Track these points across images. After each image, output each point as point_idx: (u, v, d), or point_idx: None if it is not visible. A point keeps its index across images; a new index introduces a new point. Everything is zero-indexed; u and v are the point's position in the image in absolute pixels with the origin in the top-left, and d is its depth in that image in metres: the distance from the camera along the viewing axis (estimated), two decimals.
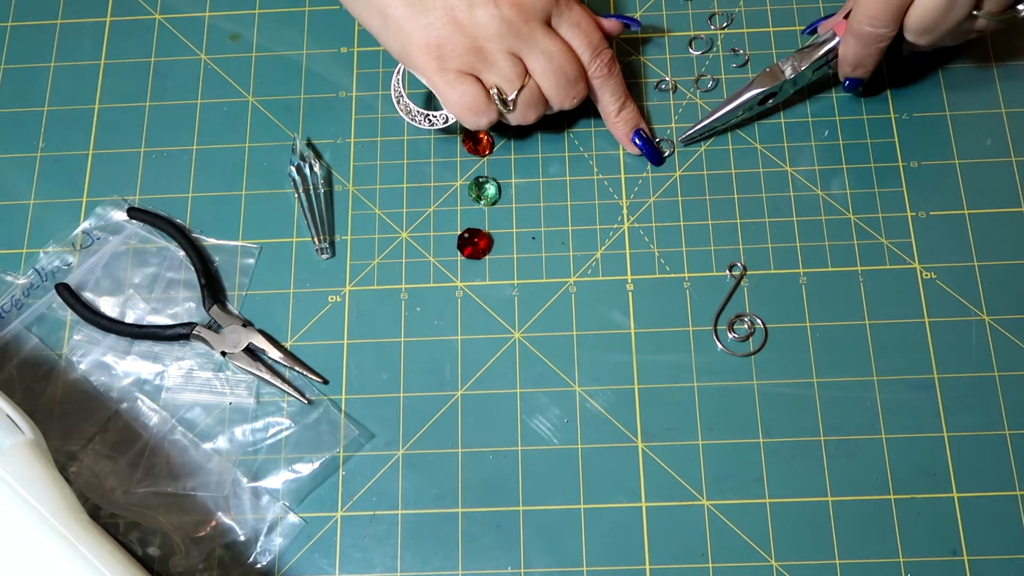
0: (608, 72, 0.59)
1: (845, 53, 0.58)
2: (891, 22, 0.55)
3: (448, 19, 0.55)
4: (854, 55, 0.57)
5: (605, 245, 0.59)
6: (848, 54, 0.57)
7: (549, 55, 0.56)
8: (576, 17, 0.57)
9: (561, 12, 0.57)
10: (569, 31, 0.57)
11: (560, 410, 0.56)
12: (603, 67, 0.58)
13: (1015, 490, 0.53)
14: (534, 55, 0.56)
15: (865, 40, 0.56)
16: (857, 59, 0.57)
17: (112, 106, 0.64)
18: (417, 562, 0.53)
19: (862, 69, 0.58)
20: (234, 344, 0.57)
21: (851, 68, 0.58)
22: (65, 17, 0.67)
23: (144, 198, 0.62)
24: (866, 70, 0.58)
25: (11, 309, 0.59)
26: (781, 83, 0.59)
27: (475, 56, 0.56)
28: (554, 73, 0.57)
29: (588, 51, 0.58)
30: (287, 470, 0.55)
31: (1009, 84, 0.62)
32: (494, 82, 0.56)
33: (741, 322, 0.57)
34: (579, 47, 0.58)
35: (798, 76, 0.59)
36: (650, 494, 0.54)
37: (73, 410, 0.56)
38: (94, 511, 0.55)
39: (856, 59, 0.57)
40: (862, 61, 0.57)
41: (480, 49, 0.55)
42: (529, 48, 0.56)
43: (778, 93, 0.60)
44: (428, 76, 0.56)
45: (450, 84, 0.56)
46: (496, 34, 0.55)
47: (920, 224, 0.59)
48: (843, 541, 0.53)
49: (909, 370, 0.56)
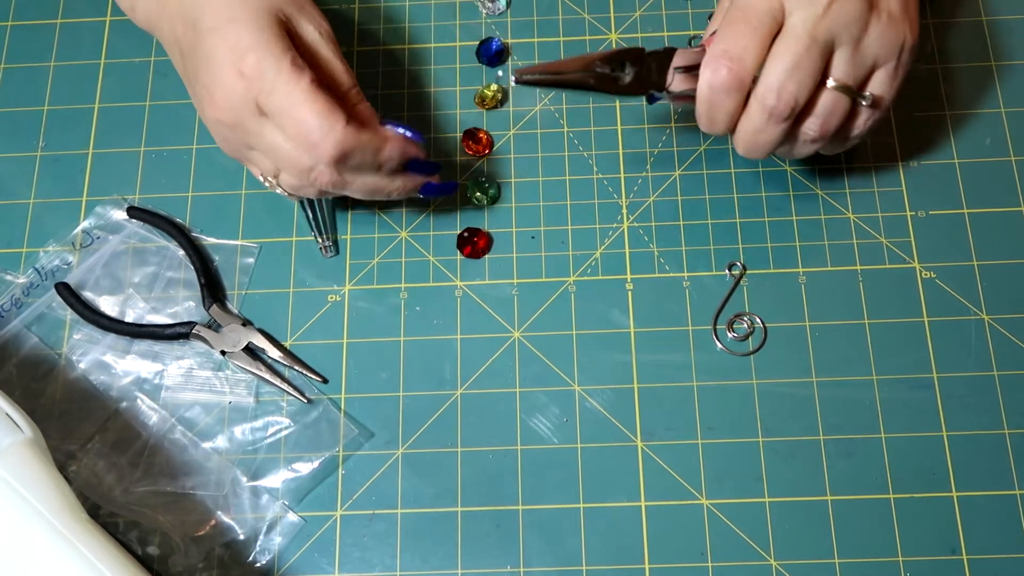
0: (340, 160, 0.50)
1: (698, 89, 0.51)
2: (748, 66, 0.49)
3: (202, 115, 0.53)
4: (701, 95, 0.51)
5: (605, 244, 0.59)
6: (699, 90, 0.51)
7: (267, 151, 0.51)
8: (281, 103, 0.49)
9: (265, 102, 0.49)
10: (278, 121, 0.50)
11: (559, 409, 0.56)
12: (329, 158, 0.50)
13: (1014, 489, 0.53)
14: (264, 150, 0.52)
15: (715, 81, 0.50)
16: (703, 103, 0.51)
17: (112, 106, 0.64)
18: (416, 561, 0.53)
19: (711, 124, 0.52)
20: (234, 343, 0.57)
21: (702, 121, 0.52)
22: (65, 17, 0.67)
23: (144, 197, 0.62)
24: (718, 128, 0.52)
25: (11, 308, 0.59)
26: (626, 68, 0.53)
27: (232, 150, 0.54)
28: (284, 163, 0.52)
29: (304, 145, 0.50)
30: (286, 469, 0.55)
31: (1009, 84, 0.62)
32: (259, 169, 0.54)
33: (740, 321, 0.57)
34: (293, 141, 0.50)
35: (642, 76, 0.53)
36: (649, 493, 0.54)
37: (73, 409, 0.56)
38: (93, 510, 0.54)
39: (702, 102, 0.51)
40: (710, 112, 0.51)
41: (231, 144, 0.53)
42: (252, 145, 0.52)
43: (634, 78, 0.53)
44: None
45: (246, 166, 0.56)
46: (225, 135, 0.52)
47: (919, 223, 0.59)
48: (842, 540, 0.53)
49: (908, 370, 0.56)
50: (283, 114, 0.49)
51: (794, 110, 0.49)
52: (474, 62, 0.64)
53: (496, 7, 0.65)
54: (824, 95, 0.50)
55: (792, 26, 0.49)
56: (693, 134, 0.61)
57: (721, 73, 0.49)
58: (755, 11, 0.49)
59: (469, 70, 0.64)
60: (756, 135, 0.51)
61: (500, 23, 0.65)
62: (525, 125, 0.62)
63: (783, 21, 0.49)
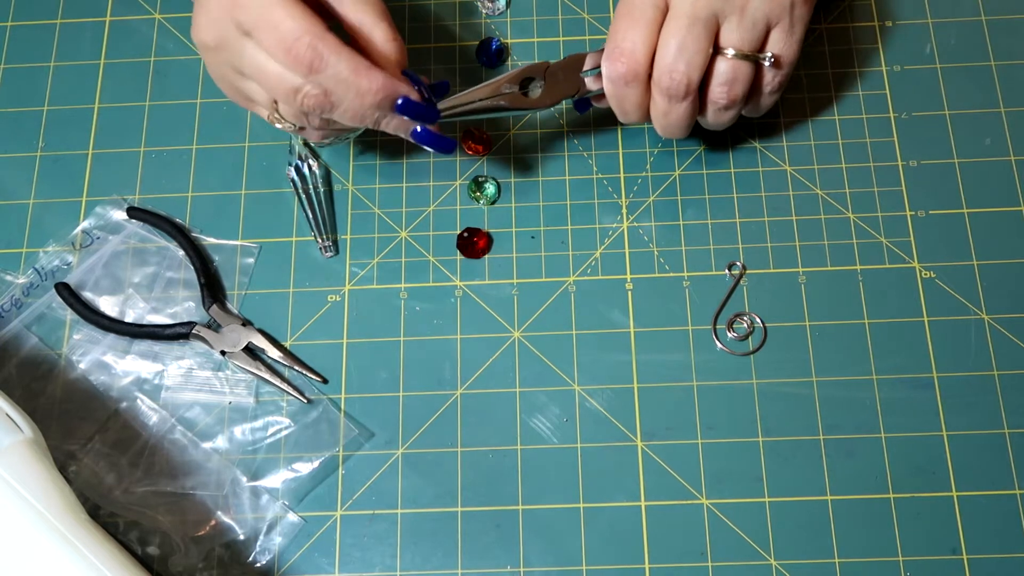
0: (311, 69, 0.49)
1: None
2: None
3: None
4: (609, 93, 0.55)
5: (604, 244, 0.59)
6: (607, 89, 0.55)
7: (253, 71, 0.51)
8: (257, 17, 0.49)
9: (243, 18, 0.49)
10: (257, 35, 0.49)
11: (559, 409, 0.56)
12: (301, 65, 0.49)
13: (1015, 489, 0.53)
14: (253, 84, 0.52)
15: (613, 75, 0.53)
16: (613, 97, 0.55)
17: (112, 106, 0.64)
18: (417, 561, 0.53)
19: (624, 115, 0.56)
20: (234, 343, 0.57)
21: (616, 111, 0.56)
22: (65, 17, 0.67)
23: (144, 198, 0.62)
24: (632, 118, 0.56)
25: (11, 308, 0.59)
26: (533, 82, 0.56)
27: (230, 89, 0.55)
28: (273, 96, 0.52)
29: (279, 55, 0.49)
30: (286, 469, 0.55)
31: (1009, 84, 0.62)
32: (268, 107, 0.54)
33: (740, 321, 0.57)
34: (269, 53, 0.49)
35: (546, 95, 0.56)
36: (650, 493, 0.54)
37: (73, 409, 0.57)
38: (94, 510, 0.54)
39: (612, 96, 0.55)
40: (620, 105, 0.55)
41: (228, 81, 0.54)
42: (244, 71, 0.52)
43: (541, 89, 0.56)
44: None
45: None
46: (218, 76, 0.54)
47: (919, 223, 0.59)
48: (842, 540, 0.53)
49: (908, 369, 0.56)
50: (259, 24, 0.48)
51: (689, 87, 0.52)
52: (474, 62, 0.64)
53: (496, 7, 0.65)
54: (721, 64, 0.53)
55: (674, 8, 0.52)
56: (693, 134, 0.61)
57: (618, 68, 0.53)
58: (638, 4, 0.53)
59: (469, 70, 0.64)
60: (666, 117, 0.54)
61: (500, 23, 0.65)
62: (525, 125, 0.62)
63: (667, 7, 0.53)
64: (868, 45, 0.64)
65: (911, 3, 0.65)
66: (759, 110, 0.58)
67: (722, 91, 0.53)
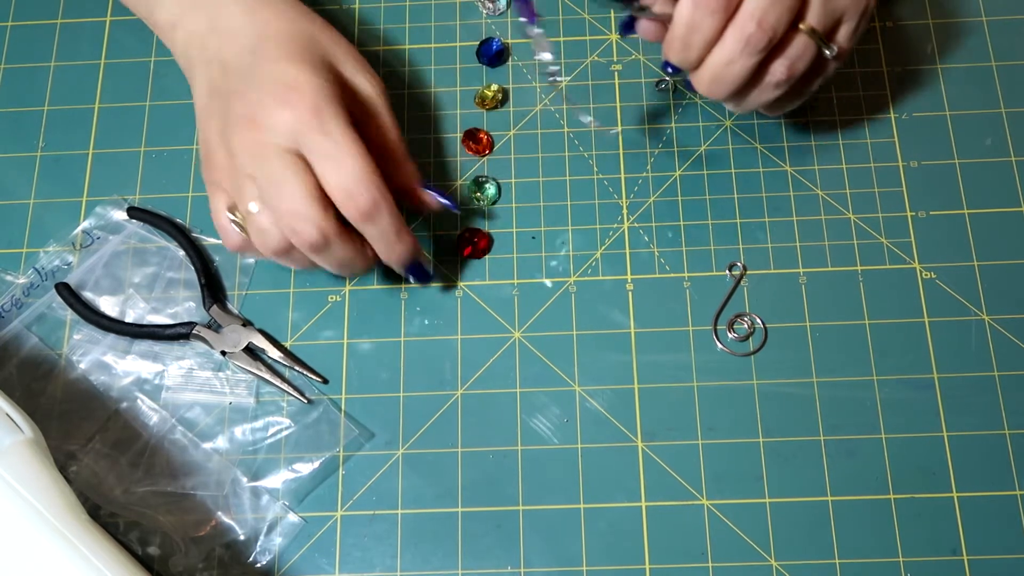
0: (365, 218, 0.50)
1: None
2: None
3: (217, 130, 0.51)
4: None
5: (605, 245, 0.59)
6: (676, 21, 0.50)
7: (269, 184, 0.49)
8: (329, 147, 0.49)
9: (312, 139, 0.49)
10: (320, 162, 0.49)
11: (560, 410, 0.56)
12: (357, 212, 0.49)
13: (1015, 490, 0.53)
14: (256, 187, 0.50)
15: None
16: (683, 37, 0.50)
17: (112, 106, 0.64)
18: (417, 561, 0.53)
19: (685, 50, 0.51)
20: (234, 344, 0.57)
21: (676, 45, 0.51)
22: (65, 17, 0.67)
23: (144, 198, 0.62)
24: (691, 55, 0.51)
25: (11, 308, 0.59)
26: None
27: (226, 175, 0.51)
28: (268, 210, 0.50)
29: (339, 193, 0.49)
30: (287, 470, 0.55)
31: (1009, 84, 0.62)
32: (231, 203, 0.52)
33: (741, 322, 0.57)
34: (328, 185, 0.49)
35: None
36: (650, 494, 0.54)
37: (73, 409, 0.56)
38: (94, 510, 0.54)
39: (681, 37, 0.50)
40: (687, 36, 0.50)
41: (232, 170, 0.51)
42: (257, 177, 0.50)
43: None
44: (204, 178, 0.53)
45: (210, 195, 0.53)
46: (240, 155, 0.50)
47: (920, 224, 0.59)
48: (843, 541, 0.53)
49: (909, 370, 0.56)
50: (319, 146, 0.48)
51: (771, 41, 0.49)
52: (474, 62, 0.64)
53: (496, 7, 0.65)
54: (796, 37, 0.50)
55: None
56: (693, 134, 0.62)
57: None
58: None
59: (469, 70, 0.64)
60: (727, 66, 0.50)
61: (500, 23, 0.65)
62: (525, 125, 0.62)
63: None
64: (869, 46, 0.64)
65: (912, 4, 0.65)
66: (783, 107, 0.55)
67: (784, 65, 0.50)
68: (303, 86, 0.49)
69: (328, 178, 0.49)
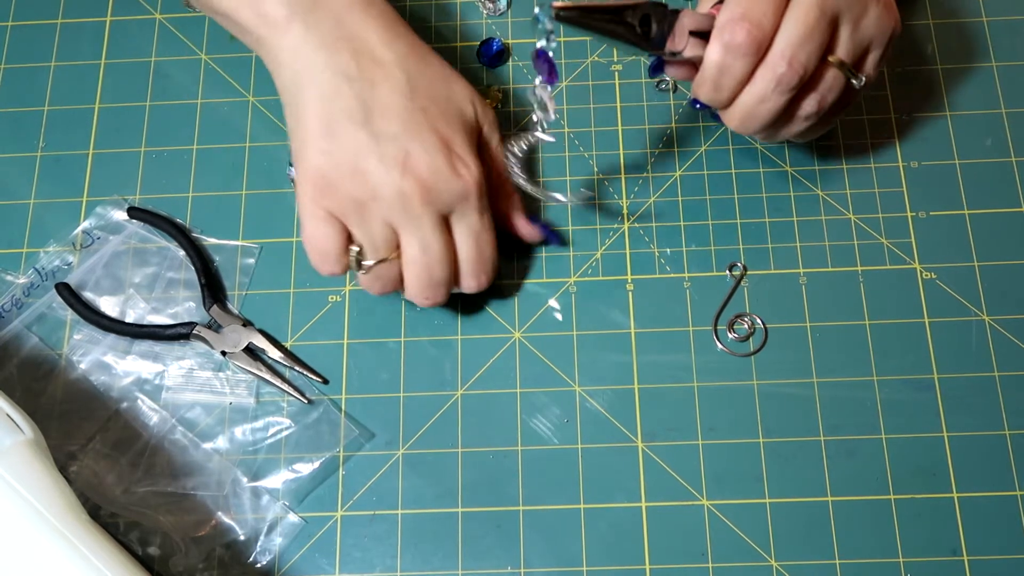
0: (479, 290, 0.54)
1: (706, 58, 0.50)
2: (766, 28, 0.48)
3: (349, 159, 0.50)
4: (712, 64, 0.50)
5: (605, 245, 0.59)
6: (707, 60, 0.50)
7: (426, 247, 0.51)
8: (476, 226, 0.52)
9: (465, 213, 0.51)
10: (462, 235, 0.52)
11: (560, 410, 0.56)
12: (472, 283, 0.54)
13: (1015, 490, 0.54)
14: (412, 240, 0.51)
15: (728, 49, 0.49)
16: (716, 73, 0.50)
17: (112, 106, 0.64)
18: (417, 562, 0.53)
19: (716, 91, 0.51)
20: (234, 344, 0.57)
21: (706, 87, 0.51)
22: (65, 17, 0.67)
23: (144, 198, 0.62)
24: (723, 95, 0.51)
25: (11, 309, 0.59)
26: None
27: (353, 208, 0.50)
28: (422, 267, 0.52)
29: (469, 263, 0.53)
30: (287, 470, 0.55)
31: (1009, 84, 0.62)
32: (359, 240, 0.51)
33: (741, 322, 0.57)
34: (464, 256, 0.53)
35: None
36: (650, 494, 0.54)
37: (73, 409, 0.56)
38: (94, 511, 0.54)
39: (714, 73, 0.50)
40: (718, 78, 0.50)
41: (362, 204, 0.50)
42: (411, 230, 0.51)
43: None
44: (299, 199, 0.52)
45: (314, 219, 0.51)
46: (386, 200, 0.50)
47: (920, 224, 0.59)
48: (843, 541, 0.53)
49: (909, 370, 0.56)
50: (471, 235, 0.52)
51: (802, 79, 0.49)
52: (474, 62, 0.64)
53: (496, 7, 0.65)
54: (826, 72, 0.50)
55: None
56: (694, 134, 0.62)
57: (739, 36, 0.48)
58: None
59: (469, 70, 0.64)
60: (759, 105, 0.50)
61: (500, 23, 0.65)
62: (525, 125, 0.62)
63: None
64: None
65: (912, 4, 0.65)
66: (812, 134, 0.55)
67: (815, 99, 0.51)
68: (471, 165, 0.51)
69: (467, 252, 0.53)
